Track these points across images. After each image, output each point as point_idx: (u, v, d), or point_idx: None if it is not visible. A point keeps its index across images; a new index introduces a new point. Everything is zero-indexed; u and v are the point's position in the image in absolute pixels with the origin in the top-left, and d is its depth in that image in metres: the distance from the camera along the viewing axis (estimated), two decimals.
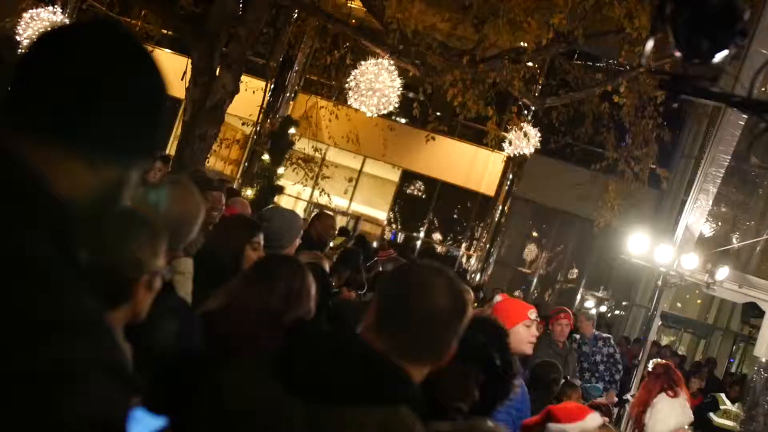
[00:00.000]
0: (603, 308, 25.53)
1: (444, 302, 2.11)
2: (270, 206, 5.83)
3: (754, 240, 13.12)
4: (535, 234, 27.14)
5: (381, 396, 1.98)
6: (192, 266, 3.19)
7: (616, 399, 10.60)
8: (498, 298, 5.65)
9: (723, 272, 11.92)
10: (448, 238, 26.19)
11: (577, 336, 10.90)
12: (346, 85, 13.23)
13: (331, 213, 8.60)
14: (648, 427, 8.55)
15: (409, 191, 26.16)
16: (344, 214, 26.36)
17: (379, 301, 2.20)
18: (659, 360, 9.96)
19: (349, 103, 13.41)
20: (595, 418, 4.05)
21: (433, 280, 2.15)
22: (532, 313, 5.10)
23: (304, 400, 1.96)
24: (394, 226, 26.40)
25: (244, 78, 13.64)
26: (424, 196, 26.03)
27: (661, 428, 8.42)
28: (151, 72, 1.36)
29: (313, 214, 6.81)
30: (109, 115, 1.29)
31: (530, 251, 27.00)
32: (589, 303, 25.28)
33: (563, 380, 7.09)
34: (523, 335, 5.01)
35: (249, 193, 13.28)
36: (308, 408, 1.95)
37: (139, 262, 2.12)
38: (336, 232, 7.09)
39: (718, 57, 2.73)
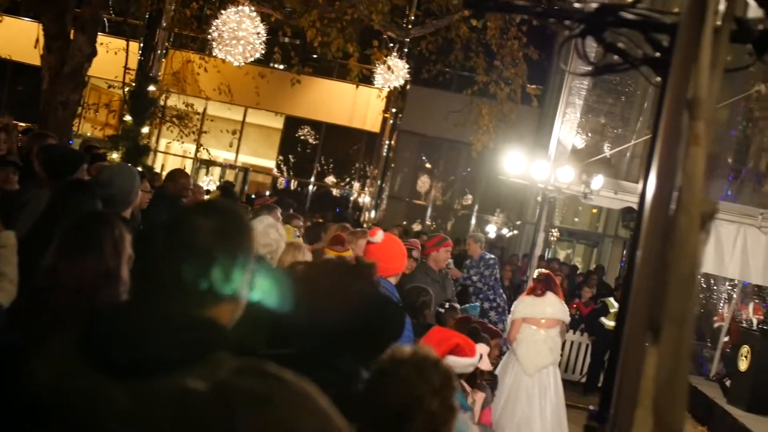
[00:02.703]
0: (505, 231, 26.03)
1: (204, 233, 2.04)
2: (104, 167, 5.60)
3: (624, 146, 13.49)
4: (427, 165, 27.36)
5: (195, 350, 1.93)
6: (14, 238, 3.07)
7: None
8: (379, 234, 5.49)
9: (598, 181, 12.25)
10: (341, 179, 26.18)
11: (468, 261, 11.10)
12: (209, 36, 12.96)
13: (186, 171, 8.38)
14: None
15: (294, 137, 25.98)
16: (232, 167, 26.07)
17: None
18: (543, 270, 10.37)
19: (214, 54, 13.14)
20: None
21: (190, 215, 2.14)
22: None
23: (122, 380, 1.86)
24: (285, 173, 26.24)
25: (106, 39, 13.19)
26: (310, 141, 25.91)
27: (510, 316, 9.35)
28: None
29: (167, 173, 6.65)
30: None
31: (423, 183, 27.24)
32: (491, 227, 25.74)
33: (447, 305, 7.20)
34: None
35: (115, 156, 12.94)
36: (128, 386, 1.85)
37: None
38: (189, 190, 6.88)
39: None
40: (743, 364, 11.49)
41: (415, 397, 2.47)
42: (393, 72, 13.05)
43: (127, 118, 14.12)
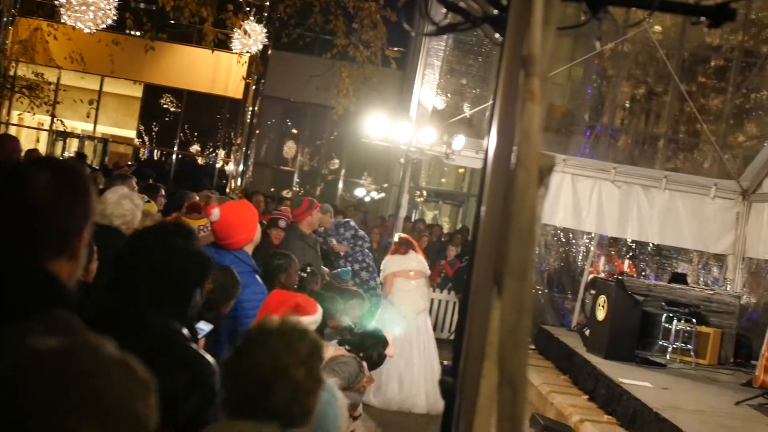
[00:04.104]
0: (373, 194, 26.16)
1: (40, 190, 1.98)
2: None
3: (483, 106, 13.71)
4: (293, 130, 27.16)
5: (30, 302, 1.86)
6: None
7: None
8: (215, 213, 5.28)
9: (459, 141, 12.44)
10: (205, 147, 25.73)
11: (321, 229, 11.14)
12: (57, 3, 12.46)
13: (13, 135, 8.01)
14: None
15: (155, 106, 25.31)
16: (91, 138, 25.24)
17: None
18: (402, 234, 11.02)
19: (63, 21, 12.65)
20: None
21: (25, 168, 2.05)
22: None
23: None
24: (147, 143, 25.58)
25: None
26: (172, 109, 25.32)
27: (383, 273, 10.56)
28: None
29: None
30: None
31: (289, 148, 27.04)
32: (360, 191, 25.83)
33: (308, 269, 7.19)
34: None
35: None
36: None
37: None
38: (18, 154, 6.55)
39: None
40: (600, 314, 11.96)
41: (281, 368, 2.48)
42: (251, 36, 12.85)
43: None
